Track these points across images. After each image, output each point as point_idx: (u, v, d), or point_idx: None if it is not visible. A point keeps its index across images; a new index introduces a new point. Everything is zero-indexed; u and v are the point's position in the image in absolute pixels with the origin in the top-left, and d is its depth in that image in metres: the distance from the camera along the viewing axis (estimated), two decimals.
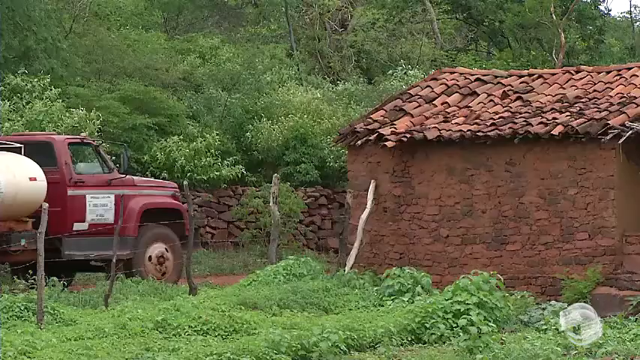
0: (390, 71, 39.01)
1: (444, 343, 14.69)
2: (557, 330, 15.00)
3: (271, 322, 15.41)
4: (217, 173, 28.50)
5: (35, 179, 20.77)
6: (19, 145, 21.74)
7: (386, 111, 21.53)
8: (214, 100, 33.31)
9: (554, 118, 19.36)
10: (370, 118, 21.50)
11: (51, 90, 27.01)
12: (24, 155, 21.34)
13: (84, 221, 21.56)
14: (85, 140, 22.57)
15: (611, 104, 19.40)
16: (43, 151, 21.77)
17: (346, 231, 20.99)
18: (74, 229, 21.31)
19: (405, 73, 37.00)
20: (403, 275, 18.45)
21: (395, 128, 20.64)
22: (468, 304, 15.50)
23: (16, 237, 21.05)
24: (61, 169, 21.68)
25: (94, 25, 35.92)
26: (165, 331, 14.55)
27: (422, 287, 18.11)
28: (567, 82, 21.32)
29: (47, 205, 17.07)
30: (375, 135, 20.77)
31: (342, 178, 29.64)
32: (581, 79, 21.35)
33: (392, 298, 17.91)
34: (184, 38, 40.18)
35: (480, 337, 14.20)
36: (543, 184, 19.26)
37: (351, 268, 19.96)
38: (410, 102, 21.73)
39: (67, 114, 25.91)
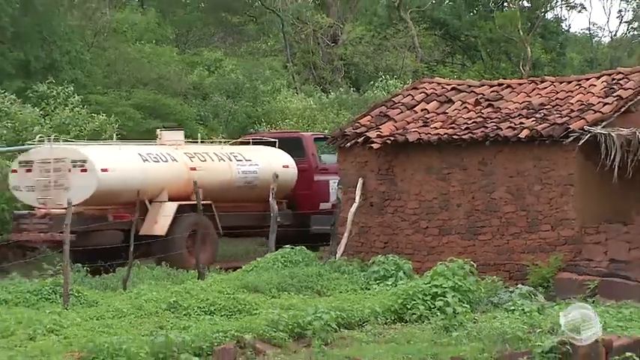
0: (372, 82, 39.13)
1: (424, 322, 14.52)
2: (524, 310, 14.92)
3: (270, 304, 15.34)
4: None
5: (288, 167, 23.12)
6: (273, 140, 24.27)
7: (372, 116, 21.51)
8: (220, 107, 33.38)
9: (521, 123, 19.33)
10: (358, 122, 21.48)
11: (74, 97, 27.05)
12: (278, 148, 23.77)
13: (328, 201, 23.47)
14: (325, 136, 24.40)
15: (572, 111, 19.38)
16: (294, 145, 24.24)
17: (337, 223, 21.00)
18: (320, 208, 23.52)
19: (386, 83, 37.09)
20: (387, 262, 18.42)
21: (380, 132, 20.62)
22: (444, 287, 15.33)
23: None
24: (309, 159, 24.20)
25: (113, 39, 35.96)
26: (176, 312, 14.48)
27: (404, 273, 18.04)
28: (533, 91, 21.29)
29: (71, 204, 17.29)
30: (363, 138, 20.74)
31: None
32: (545, 88, 21.32)
33: (377, 282, 17.85)
34: (193, 52, 40.25)
35: (455, 316, 14.24)
36: (511, 182, 19.23)
37: (341, 256, 19.84)
38: (393, 108, 21.70)
39: (90, 119, 25.93)
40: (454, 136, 19.72)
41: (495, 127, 19.45)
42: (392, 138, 20.31)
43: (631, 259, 17.88)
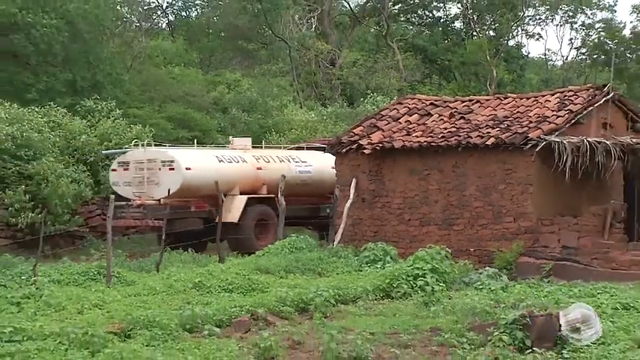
0: (363, 98, 39.20)
1: (407, 298, 14.48)
2: (490, 289, 14.91)
3: (279, 283, 15.37)
4: None
5: (334, 168, 22.69)
6: (323, 146, 24.51)
7: (364, 127, 21.53)
8: (237, 119, 33.40)
9: (488, 132, 19.34)
10: (352, 132, 21.49)
11: (115, 111, 27.08)
12: (326, 153, 23.81)
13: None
14: None
15: (530, 122, 19.38)
16: None
17: (335, 216, 21.02)
18: None
19: (375, 99, 37.15)
20: (376, 248, 18.43)
21: (370, 140, 20.63)
22: (424, 269, 15.28)
23: (323, 208, 23.91)
24: None
25: (147, 63, 36.02)
26: (201, 290, 14.50)
27: (390, 257, 18.06)
28: (498, 105, 21.30)
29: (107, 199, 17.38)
30: (356, 145, 20.76)
31: None
32: (508, 103, 21.32)
33: (368, 265, 17.86)
34: (215, 73, 40.27)
35: (433, 294, 14.25)
36: (480, 181, 19.23)
37: (338, 243, 19.88)
38: (381, 120, 21.72)
39: (128, 129, 25.96)
40: (432, 143, 19.74)
41: (466, 136, 19.47)
42: (380, 145, 20.34)
43: (580, 246, 17.91)
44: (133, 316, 11.35)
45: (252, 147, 24.67)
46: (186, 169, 21.81)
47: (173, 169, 21.76)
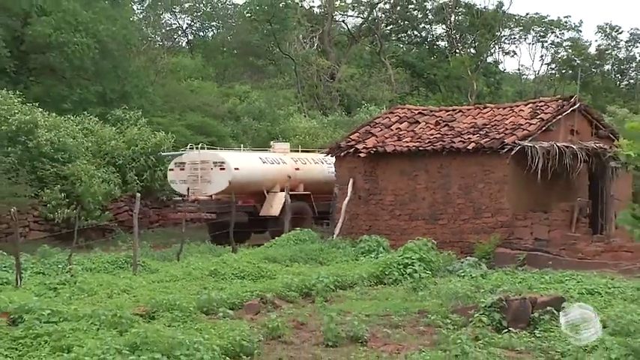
0: (359, 107, 39.19)
1: (398, 284, 14.49)
2: (471, 276, 14.91)
3: (285, 271, 15.35)
4: None
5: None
6: None
7: (359, 133, 21.51)
8: (248, 126, 33.36)
9: (469, 138, 19.33)
10: (349, 138, 21.48)
11: (141, 119, 27.06)
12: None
13: None
14: None
15: (506, 129, 19.37)
16: None
17: (334, 211, 21.02)
18: None
19: (369, 108, 37.14)
20: (371, 240, 18.45)
21: (365, 145, 20.62)
22: (413, 259, 15.33)
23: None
24: None
25: (169, 77, 36.02)
26: (216, 277, 14.49)
27: (383, 248, 18.08)
28: (477, 114, 21.30)
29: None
30: (353, 149, 20.76)
31: None
32: (487, 112, 21.31)
33: (363, 255, 17.87)
34: (228, 86, 40.26)
35: (420, 280, 14.22)
36: (462, 181, 19.23)
37: (337, 236, 19.93)
38: (375, 127, 21.71)
39: (152, 135, 25.96)
40: (420, 148, 19.73)
41: (450, 141, 19.45)
42: (374, 149, 20.33)
43: (550, 239, 17.91)
44: (156, 300, 11.33)
45: (291, 150, 25.07)
46: (235, 169, 22.20)
47: (224, 169, 22.15)
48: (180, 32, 49.96)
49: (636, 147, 3.85)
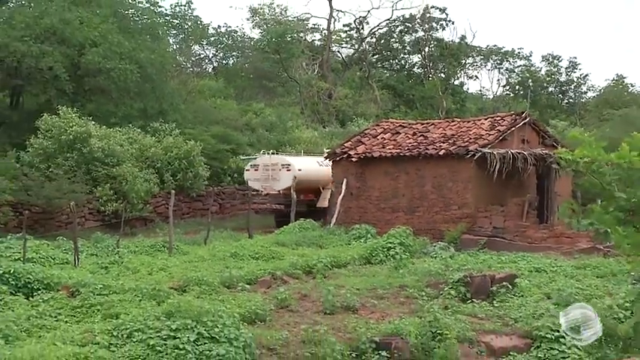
0: (351, 121, 39.13)
1: (382, 264, 14.55)
2: (442, 257, 14.95)
3: (292, 253, 15.38)
4: None
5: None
6: None
7: (352, 142, 21.56)
8: (262, 137, 33.27)
9: (440, 146, 19.38)
10: (343, 145, 21.53)
11: (175, 131, 27.00)
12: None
13: None
14: None
15: (470, 139, 19.40)
16: None
17: (331, 205, 21.01)
18: None
19: (359, 122, 37.08)
20: (361, 229, 18.49)
21: (357, 151, 20.67)
22: (394, 243, 15.38)
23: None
24: None
25: (197, 96, 35.95)
26: (236, 258, 14.53)
27: (371, 235, 18.12)
28: (447, 127, 21.34)
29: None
30: (346, 155, 20.81)
31: None
32: (454, 125, 21.35)
33: (355, 240, 17.90)
34: (246, 104, 40.19)
35: (401, 261, 14.28)
36: (435, 180, 19.28)
37: (333, 225, 19.99)
38: (364, 137, 21.76)
39: (184, 144, 25.92)
40: (400, 154, 19.78)
41: (425, 149, 19.49)
42: (364, 155, 20.37)
43: (505, 227, 17.92)
44: (187, 277, 11.36)
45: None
46: (299, 170, 22.81)
47: (289, 170, 22.77)
48: (206, 60, 49.98)
49: (578, 153, 3.88)
